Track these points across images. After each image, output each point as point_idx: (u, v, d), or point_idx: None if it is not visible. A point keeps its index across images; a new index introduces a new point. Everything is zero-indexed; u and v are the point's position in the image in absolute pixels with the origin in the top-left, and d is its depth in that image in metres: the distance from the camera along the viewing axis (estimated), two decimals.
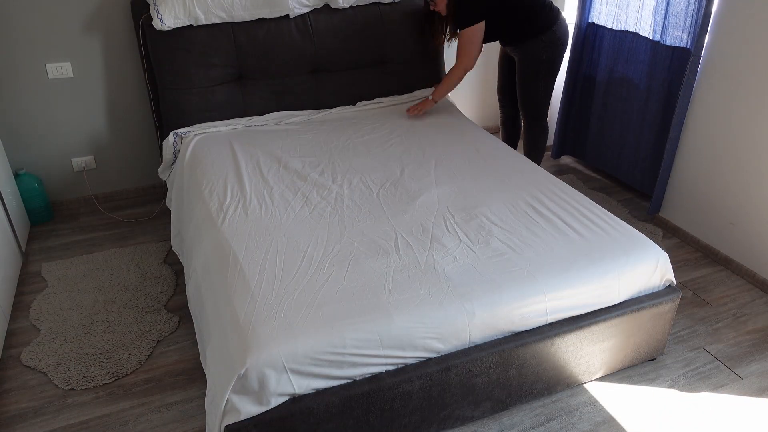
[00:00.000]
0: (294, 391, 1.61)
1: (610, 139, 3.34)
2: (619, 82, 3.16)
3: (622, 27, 3.06)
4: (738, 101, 2.55)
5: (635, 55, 3.02)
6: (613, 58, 3.15)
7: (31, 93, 2.91)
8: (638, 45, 2.99)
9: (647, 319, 2.02)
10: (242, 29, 2.82)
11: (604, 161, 3.44)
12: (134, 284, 2.59)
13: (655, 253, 2.01)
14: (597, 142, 3.44)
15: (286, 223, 2.12)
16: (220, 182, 2.38)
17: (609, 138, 3.34)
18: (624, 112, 3.18)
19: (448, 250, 1.96)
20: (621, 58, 3.10)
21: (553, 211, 2.19)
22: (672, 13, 2.71)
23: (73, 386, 2.08)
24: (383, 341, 1.66)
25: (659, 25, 2.81)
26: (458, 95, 3.88)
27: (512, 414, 1.97)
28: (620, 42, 3.09)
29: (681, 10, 2.66)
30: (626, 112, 3.16)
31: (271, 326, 1.63)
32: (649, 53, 2.93)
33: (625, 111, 3.17)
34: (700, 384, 2.12)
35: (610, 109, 3.27)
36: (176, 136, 2.77)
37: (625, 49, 3.07)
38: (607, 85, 3.25)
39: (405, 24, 3.11)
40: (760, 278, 2.59)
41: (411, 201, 2.26)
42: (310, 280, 1.81)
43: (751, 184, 2.56)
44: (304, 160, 2.57)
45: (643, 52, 2.97)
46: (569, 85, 3.45)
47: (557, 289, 1.85)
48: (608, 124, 3.32)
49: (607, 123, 3.33)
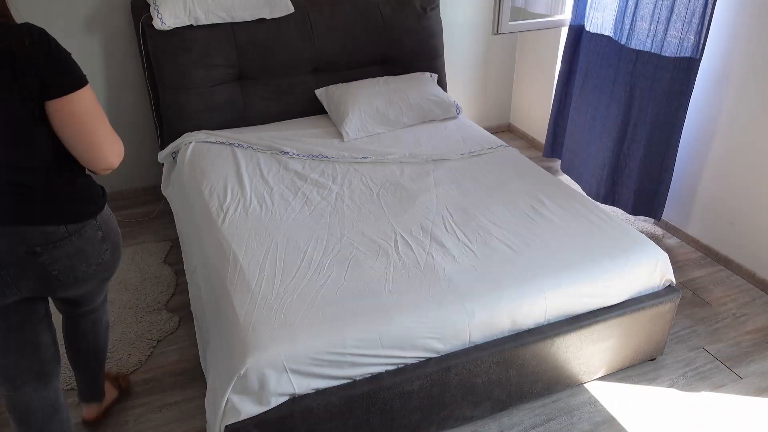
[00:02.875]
0: (294, 391, 1.61)
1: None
2: (613, 84, 3.13)
3: (618, 31, 2.94)
4: (737, 101, 2.55)
5: (631, 58, 2.94)
6: (606, 60, 3.07)
7: None
8: (636, 46, 2.94)
9: (647, 319, 2.02)
10: (242, 29, 2.82)
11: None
12: (134, 284, 2.59)
13: (655, 253, 2.01)
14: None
15: (286, 223, 2.12)
16: (220, 182, 2.38)
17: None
18: (617, 115, 3.13)
19: (448, 250, 1.96)
20: (614, 60, 2.98)
21: (552, 211, 2.19)
22: (673, 18, 2.66)
23: (73, 386, 2.07)
24: (383, 341, 1.66)
25: (659, 29, 2.74)
26: (458, 95, 3.88)
27: (512, 414, 1.97)
28: (614, 45, 2.98)
29: (681, 15, 2.61)
30: (618, 115, 3.11)
31: (271, 326, 1.63)
32: (647, 56, 2.85)
33: (619, 113, 3.12)
34: (700, 384, 2.12)
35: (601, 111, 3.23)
36: (174, 155, 2.78)
37: (621, 52, 2.97)
38: (601, 87, 3.21)
39: (405, 24, 3.11)
40: (760, 278, 2.59)
41: (410, 201, 2.27)
42: (310, 280, 1.81)
43: (751, 184, 2.56)
44: (304, 161, 2.57)
45: (641, 54, 2.90)
46: (561, 86, 3.40)
47: (557, 288, 1.85)
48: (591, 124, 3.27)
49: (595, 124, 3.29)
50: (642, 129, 2.83)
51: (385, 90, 2.95)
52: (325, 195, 2.31)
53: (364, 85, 2.98)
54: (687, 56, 2.56)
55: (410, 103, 2.92)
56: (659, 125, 2.75)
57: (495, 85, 4.02)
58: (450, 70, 3.73)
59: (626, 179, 2.98)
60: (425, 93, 2.98)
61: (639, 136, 2.85)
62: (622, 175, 3.00)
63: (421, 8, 3.15)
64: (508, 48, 3.92)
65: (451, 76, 3.76)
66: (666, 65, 2.65)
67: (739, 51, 2.50)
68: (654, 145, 2.79)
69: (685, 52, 2.57)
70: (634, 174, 2.91)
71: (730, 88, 2.57)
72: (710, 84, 2.66)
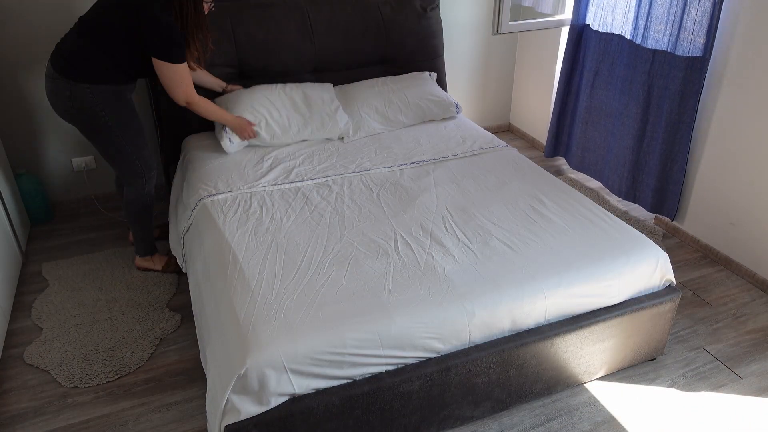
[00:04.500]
0: (294, 391, 1.61)
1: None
2: (613, 84, 3.14)
3: (633, 30, 2.93)
4: (737, 101, 2.55)
5: (648, 57, 2.92)
6: (619, 59, 3.07)
7: (32, 93, 2.91)
8: (635, 48, 2.94)
9: (647, 319, 2.02)
10: (242, 29, 2.82)
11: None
12: (136, 283, 2.59)
13: (655, 253, 2.01)
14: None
15: (286, 223, 2.12)
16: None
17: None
18: (622, 116, 3.15)
19: (448, 249, 1.97)
20: (629, 59, 2.98)
21: (552, 211, 2.19)
22: (685, 18, 2.64)
23: (76, 384, 2.08)
24: (383, 341, 1.66)
25: (673, 29, 2.72)
26: (458, 95, 3.89)
27: (512, 414, 1.98)
28: (628, 44, 2.96)
29: (692, 15, 2.60)
30: (624, 116, 3.12)
31: (271, 326, 1.63)
32: (663, 56, 2.83)
33: (624, 115, 3.13)
34: (700, 384, 2.12)
35: (601, 112, 3.24)
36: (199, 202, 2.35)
37: (637, 51, 2.92)
38: (600, 87, 3.22)
39: (405, 24, 3.11)
40: (760, 278, 2.59)
41: (410, 201, 2.27)
42: (310, 281, 1.81)
43: (751, 184, 2.56)
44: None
45: (641, 55, 2.91)
46: (563, 85, 3.41)
47: (557, 288, 1.85)
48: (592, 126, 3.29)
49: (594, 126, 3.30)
50: (659, 127, 2.86)
51: (384, 90, 2.95)
52: (325, 195, 2.31)
53: (363, 86, 2.98)
54: (698, 56, 2.59)
55: (409, 103, 2.92)
56: (673, 124, 2.77)
57: (495, 85, 4.02)
58: (450, 70, 3.73)
59: (646, 177, 3.01)
60: (424, 92, 2.98)
61: (657, 135, 2.88)
62: (642, 173, 3.03)
63: (421, 8, 3.15)
64: (508, 48, 3.92)
65: (451, 76, 3.76)
66: (679, 64, 2.68)
67: (739, 51, 2.50)
68: (669, 143, 2.83)
69: (696, 51, 2.60)
70: (653, 172, 2.95)
71: (730, 88, 2.57)
72: (710, 84, 2.66)
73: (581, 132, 3.38)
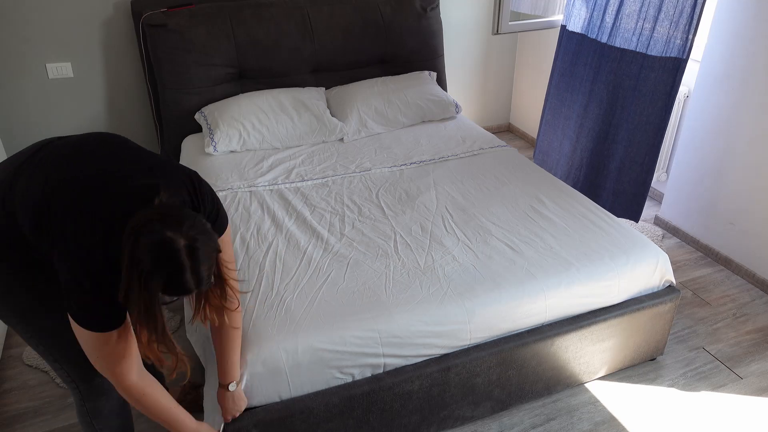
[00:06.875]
0: (294, 390, 1.61)
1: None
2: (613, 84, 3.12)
3: (596, 29, 2.86)
4: (737, 102, 2.55)
5: (614, 56, 2.84)
6: (581, 59, 2.99)
7: (32, 93, 2.91)
8: (621, 45, 2.87)
9: (647, 319, 2.02)
10: (242, 29, 2.82)
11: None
12: None
13: (654, 253, 2.01)
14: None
15: (286, 222, 2.12)
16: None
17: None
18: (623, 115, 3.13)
19: (448, 249, 1.96)
20: (592, 58, 2.92)
21: (552, 211, 2.19)
22: (660, 17, 2.59)
23: None
24: (383, 340, 1.66)
25: (645, 28, 2.68)
26: (458, 95, 3.89)
27: (512, 414, 1.97)
28: (592, 43, 2.90)
29: (669, 13, 2.53)
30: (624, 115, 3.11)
31: (271, 325, 1.63)
32: (632, 56, 2.78)
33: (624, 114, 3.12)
34: (700, 384, 2.12)
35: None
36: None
37: (603, 50, 2.86)
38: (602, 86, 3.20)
39: (405, 24, 3.11)
40: (760, 278, 2.59)
41: (410, 201, 2.27)
42: (310, 280, 1.81)
43: (751, 184, 2.56)
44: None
45: (625, 53, 2.84)
46: (552, 87, 3.38)
47: (557, 288, 1.85)
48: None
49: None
50: (624, 130, 2.75)
51: (384, 90, 2.95)
52: (324, 195, 2.31)
53: (363, 86, 2.98)
54: (673, 56, 2.49)
55: (409, 103, 2.92)
56: (642, 126, 2.67)
57: (495, 85, 4.02)
58: (450, 70, 3.73)
59: (605, 181, 2.92)
60: (423, 92, 2.98)
61: (620, 137, 2.78)
62: (600, 176, 2.94)
63: (421, 8, 3.15)
64: (508, 48, 3.92)
65: (451, 76, 3.77)
66: (652, 65, 2.58)
67: (739, 51, 2.50)
68: (635, 146, 2.71)
69: (671, 51, 2.50)
70: (614, 176, 2.85)
71: (730, 88, 2.57)
72: (710, 84, 2.66)
73: (543, 133, 3.33)
